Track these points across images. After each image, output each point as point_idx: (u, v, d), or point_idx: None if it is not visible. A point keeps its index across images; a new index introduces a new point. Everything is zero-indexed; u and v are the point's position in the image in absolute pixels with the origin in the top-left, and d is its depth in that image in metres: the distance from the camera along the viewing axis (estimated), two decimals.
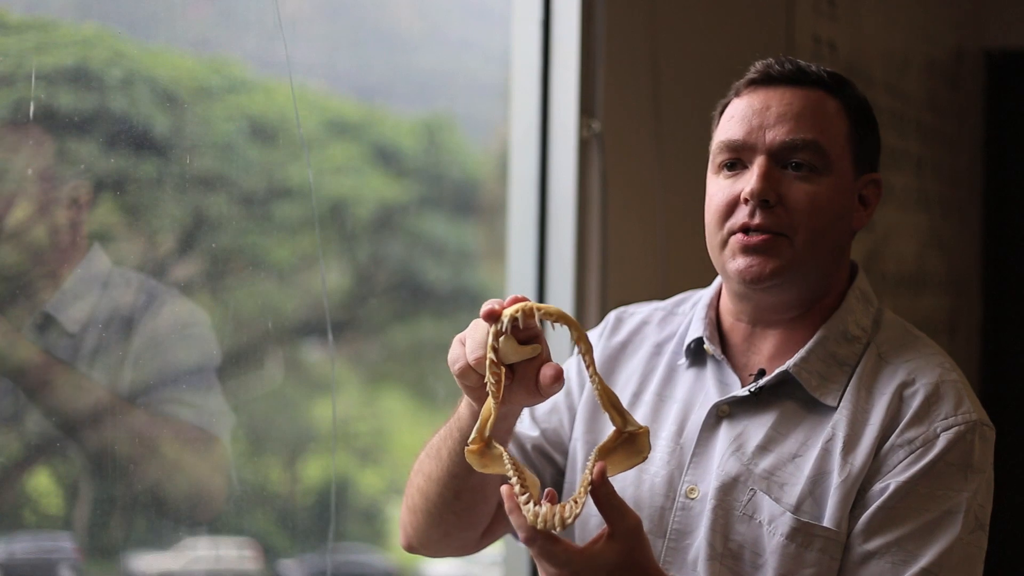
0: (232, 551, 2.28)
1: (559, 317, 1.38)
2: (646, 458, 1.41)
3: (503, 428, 1.54)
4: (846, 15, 3.57)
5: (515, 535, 1.73)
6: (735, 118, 1.61)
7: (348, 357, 2.58)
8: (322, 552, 2.37)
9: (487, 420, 1.41)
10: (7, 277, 1.94)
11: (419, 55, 2.73)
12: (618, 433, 1.41)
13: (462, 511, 1.64)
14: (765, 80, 1.61)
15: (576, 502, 1.34)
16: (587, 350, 1.39)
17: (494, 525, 1.71)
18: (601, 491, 1.36)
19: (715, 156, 1.62)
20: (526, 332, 1.42)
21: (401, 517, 1.73)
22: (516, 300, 1.41)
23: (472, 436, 1.42)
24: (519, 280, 2.61)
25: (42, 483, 2.07)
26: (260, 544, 2.32)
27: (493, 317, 1.40)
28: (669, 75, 2.77)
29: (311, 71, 2.37)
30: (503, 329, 1.39)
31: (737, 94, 1.63)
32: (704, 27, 2.94)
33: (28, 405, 1.95)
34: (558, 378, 1.41)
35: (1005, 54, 4.58)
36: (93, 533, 2.07)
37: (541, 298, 2.61)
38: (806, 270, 1.58)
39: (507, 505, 1.36)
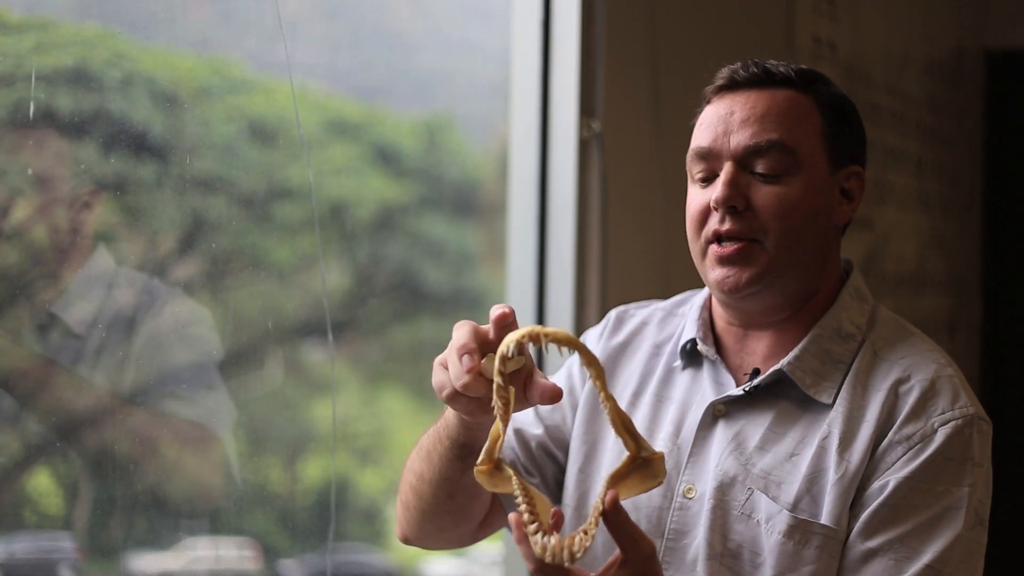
0: (232, 551, 2.28)
1: (567, 342, 1.35)
2: (661, 482, 1.38)
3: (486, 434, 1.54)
4: (846, 15, 3.57)
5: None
6: (703, 126, 1.61)
7: (348, 357, 2.58)
8: (322, 552, 2.37)
9: (496, 442, 1.39)
10: (10, 278, 1.94)
11: (419, 55, 2.73)
12: (632, 458, 1.38)
13: (456, 510, 1.64)
14: (731, 85, 1.61)
15: (587, 533, 1.31)
16: (598, 374, 1.36)
17: (491, 518, 1.71)
18: (614, 519, 1.34)
19: (688, 165, 1.63)
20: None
21: (396, 510, 1.73)
22: (504, 316, 1.39)
23: (481, 457, 1.41)
24: (519, 281, 2.61)
25: (42, 483, 2.07)
26: (260, 544, 2.32)
27: (469, 351, 1.38)
28: (669, 75, 2.77)
29: (311, 71, 2.37)
30: (509, 354, 1.36)
31: (707, 101, 1.64)
32: (704, 27, 2.94)
33: (29, 404, 1.96)
34: (556, 397, 1.39)
35: (1005, 54, 4.58)
36: (93, 533, 2.07)
37: (541, 299, 2.61)
38: (785, 272, 1.58)
39: (515, 535, 1.33)
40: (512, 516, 1.33)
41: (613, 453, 1.66)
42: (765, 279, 1.57)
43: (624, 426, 1.38)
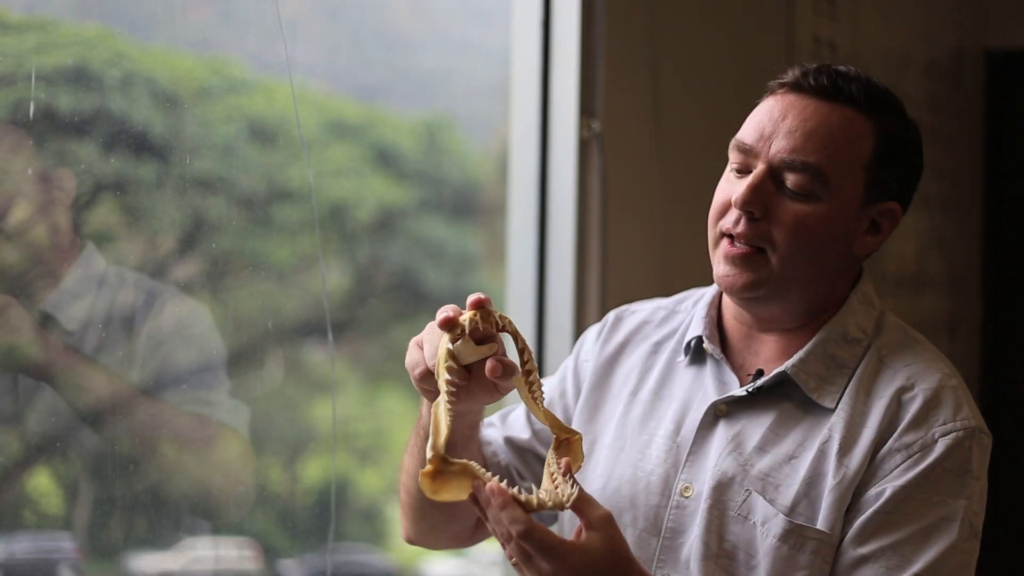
0: (232, 551, 2.28)
1: (508, 322, 1.41)
2: (580, 467, 1.44)
3: (465, 424, 1.55)
4: (846, 15, 3.57)
5: None
6: (753, 119, 1.58)
7: (348, 357, 2.58)
8: (322, 552, 2.37)
9: (439, 436, 1.33)
10: (5, 277, 1.94)
11: (419, 55, 2.73)
12: (558, 441, 1.44)
13: (442, 505, 1.63)
14: (795, 87, 1.57)
15: (564, 487, 1.35)
16: (528, 359, 1.42)
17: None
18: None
19: (730, 152, 1.60)
20: (482, 333, 1.42)
21: (399, 511, 1.76)
22: (478, 302, 1.41)
23: (429, 454, 1.33)
24: (519, 281, 2.61)
25: (42, 483, 2.07)
26: (260, 544, 2.32)
27: (450, 325, 1.39)
28: (669, 75, 2.76)
29: (311, 71, 2.37)
30: (456, 338, 1.39)
31: (770, 92, 1.59)
32: (704, 27, 2.94)
33: (28, 404, 1.96)
34: (507, 373, 1.40)
35: (1005, 54, 4.58)
36: (93, 533, 2.07)
37: (541, 299, 2.61)
38: (787, 287, 1.56)
39: (499, 501, 1.32)
40: (491, 485, 1.33)
41: (609, 456, 1.66)
42: (764, 288, 1.56)
43: (546, 416, 1.44)
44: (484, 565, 2.87)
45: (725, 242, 1.57)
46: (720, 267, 1.57)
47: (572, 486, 1.35)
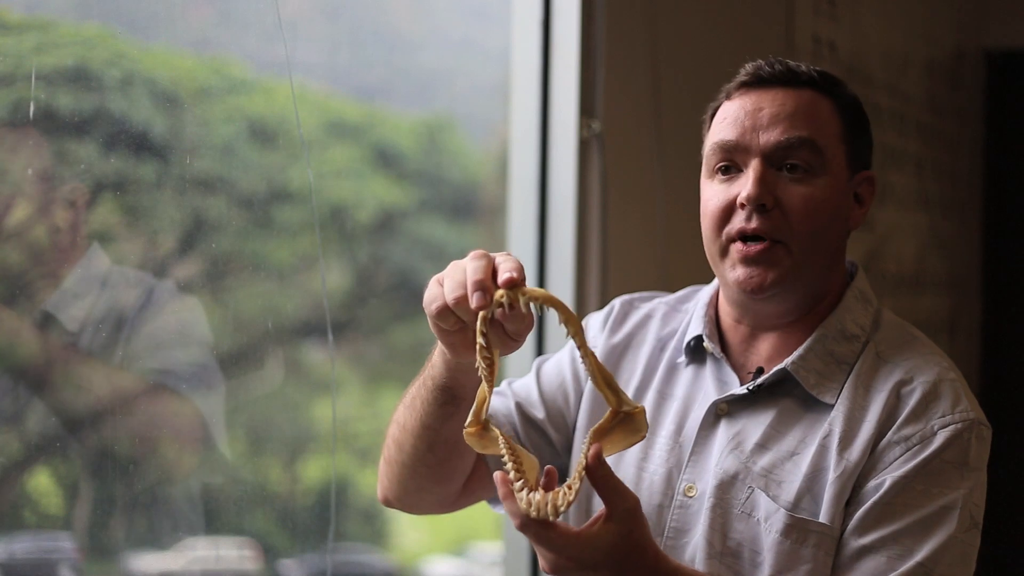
0: (232, 551, 2.28)
1: (544, 299, 1.36)
2: (644, 436, 1.39)
3: (476, 378, 1.54)
4: (846, 15, 3.57)
5: (492, 500, 1.74)
6: (727, 120, 1.59)
7: (348, 357, 2.58)
8: (322, 552, 2.37)
9: (483, 404, 1.41)
10: (6, 277, 1.94)
11: (419, 55, 2.73)
12: (614, 413, 1.39)
13: (436, 464, 1.63)
14: (756, 82, 1.60)
15: (570, 488, 1.33)
16: (576, 331, 1.36)
17: (474, 484, 1.70)
18: (598, 473, 1.36)
19: (708, 159, 1.61)
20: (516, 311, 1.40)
21: (379, 469, 1.72)
22: (510, 281, 1.37)
23: (469, 419, 1.42)
24: None
25: (42, 483, 2.07)
26: (260, 544, 2.32)
27: (481, 308, 1.38)
28: (669, 75, 2.76)
29: (311, 71, 2.37)
30: (490, 315, 1.38)
31: (728, 97, 1.62)
32: (704, 27, 2.94)
33: (27, 404, 1.96)
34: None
35: (1005, 54, 4.58)
36: (93, 533, 2.07)
37: None
38: (805, 274, 1.58)
39: (500, 492, 1.35)
40: (497, 474, 1.35)
41: (613, 455, 1.65)
42: (787, 281, 1.57)
43: (605, 381, 1.39)
44: (484, 565, 2.88)
45: (736, 245, 1.57)
46: (738, 271, 1.57)
47: (575, 492, 1.33)
